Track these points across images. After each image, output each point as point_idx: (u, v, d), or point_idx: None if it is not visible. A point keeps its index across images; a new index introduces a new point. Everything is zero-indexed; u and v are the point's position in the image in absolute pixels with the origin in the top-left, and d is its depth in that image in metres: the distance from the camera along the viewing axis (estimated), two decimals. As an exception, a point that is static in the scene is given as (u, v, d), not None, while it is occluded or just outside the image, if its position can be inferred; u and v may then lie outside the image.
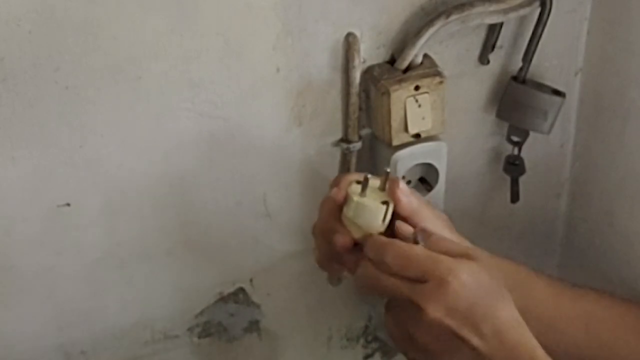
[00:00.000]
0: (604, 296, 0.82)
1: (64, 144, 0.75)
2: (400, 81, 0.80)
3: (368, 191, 0.70)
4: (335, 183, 0.73)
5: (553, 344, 0.76)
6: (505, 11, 0.81)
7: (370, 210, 0.70)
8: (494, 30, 0.84)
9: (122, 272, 0.85)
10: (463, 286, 0.67)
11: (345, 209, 0.71)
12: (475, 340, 0.67)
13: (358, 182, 0.71)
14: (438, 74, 0.81)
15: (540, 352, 0.67)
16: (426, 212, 0.73)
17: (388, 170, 0.71)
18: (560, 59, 0.90)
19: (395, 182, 0.71)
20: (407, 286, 0.68)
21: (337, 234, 0.72)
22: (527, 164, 0.93)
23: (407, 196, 0.71)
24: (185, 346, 0.93)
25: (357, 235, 0.71)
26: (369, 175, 0.70)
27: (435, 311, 0.67)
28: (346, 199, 0.71)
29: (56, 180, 0.77)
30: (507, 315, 0.68)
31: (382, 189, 0.71)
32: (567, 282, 0.82)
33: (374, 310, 1.00)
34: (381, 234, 0.71)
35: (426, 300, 0.67)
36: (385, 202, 0.70)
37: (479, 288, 0.67)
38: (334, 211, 0.72)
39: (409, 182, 0.87)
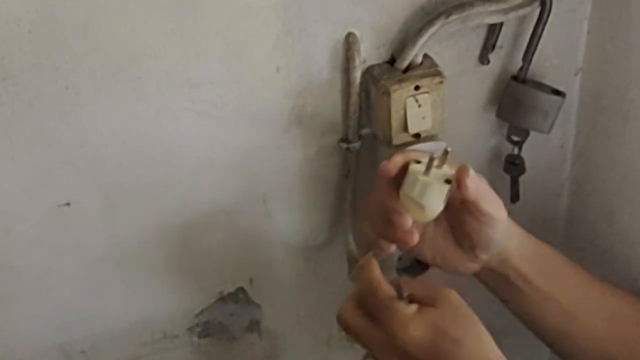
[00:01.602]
0: (630, 295, 0.81)
1: (64, 144, 0.75)
2: (400, 81, 0.80)
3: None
4: (389, 160, 0.72)
5: (573, 331, 0.77)
6: (505, 11, 0.81)
7: (435, 190, 0.70)
8: (494, 30, 0.84)
9: (122, 272, 0.85)
10: (416, 340, 0.66)
11: (407, 189, 0.71)
12: None
13: (417, 162, 0.71)
14: (438, 73, 0.81)
15: None
16: (489, 197, 0.73)
17: (449, 149, 0.71)
18: (560, 58, 0.90)
19: (464, 170, 0.70)
20: (366, 331, 0.69)
21: (396, 214, 0.71)
22: (527, 163, 0.93)
23: (475, 183, 0.71)
24: (185, 346, 0.93)
25: (414, 213, 0.71)
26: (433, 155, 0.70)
27: None
28: (405, 177, 0.71)
29: (56, 180, 0.77)
30: (475, 359, 0.66)
31: (439, 167, 0.71)
32: (597, 277, 0.81)
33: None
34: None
35: (379, 350, 0.68)
36: (448, 181, 0.70)
37: (442, 338, 0.66)
38: (391, 190, 0.71)
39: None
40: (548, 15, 0.83)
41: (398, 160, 0.71)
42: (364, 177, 0.88)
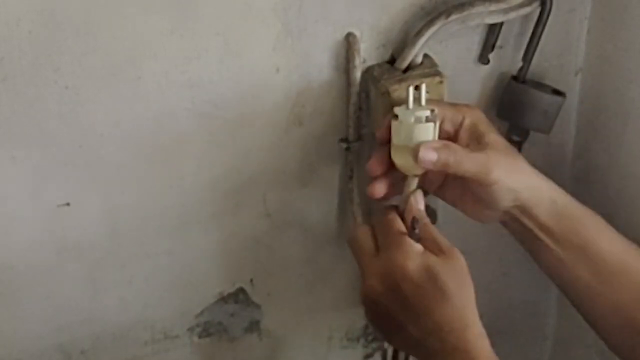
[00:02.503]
0: None
1: (64, 144, 0.75)
2: (400, 81, 0.80)
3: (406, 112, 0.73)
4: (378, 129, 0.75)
5: (605, 293, 0.75)
6: (505, 11, 0.81)
7: (422, 130, 0.72)
8: (493, 30, 0.84)
9: (122, 272, 0.85)
10: (409, 274, 0.68)
11: (394, 139, 0.73)
12: (414, 331, 0.68)
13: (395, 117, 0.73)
14: (438, 73, 0.81)
15: None
16: (465, 161, 0.73)
17: (423, 84, 0.73)
18: (560, 58, 0.90)
19: (416, 150, 0.72)
20: (368, 251, 0.71)
21: (371, 162, 0.75)
22: (527, 163, 0.93)
23: (431, 157, 0.72)
24: (185, 346, 0.93)
25: (410, 162, 0.73)
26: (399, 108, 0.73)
27: (370, 285, 0.69)
28: (391, 132, 0.73)
29: (56, 180, 0.77)
30: (453, 316, 0.67)
31: (419, 104, 0.73)
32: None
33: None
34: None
35: (369, 270, 0.70)
36: (430, 119, 0.72)
37: (431, 283, 0.67)
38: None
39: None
40: (548, 15, 0.83)
41: (383, 122, 0.74)
42: (364, 177, 0.88)
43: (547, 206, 0.76)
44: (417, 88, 0.77)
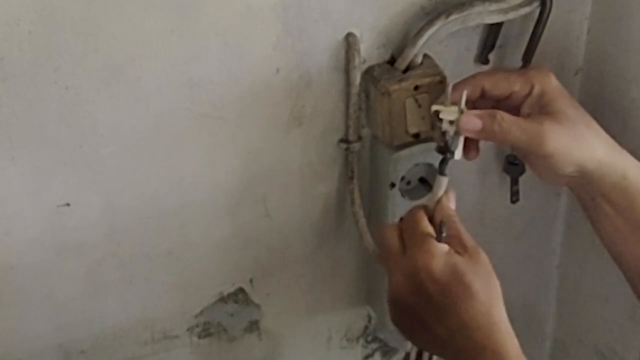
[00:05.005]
0: None
1: (64, 144, 0.75)
2: (400, 81, 0.80)
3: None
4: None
5: None
6: (505, 11, 0.81)
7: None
8: (493, 30, 0.85)
9: (122, 272, 0.85)
10: (433, 273, 0.67)
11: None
12: (440, 330, 0.67)
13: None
14: (438, 73, 0.81)
15: None
16: (514, 130, 0.73)
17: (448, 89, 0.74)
18: (560, 58, 0.90)
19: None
20: (394, 250, 0.70)
21: None
22: (527, 163, 0.93)
23: (473, 125, 0.73)
24: (185, 346, 0.93)
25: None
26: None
27: (396, 284, 0.68)
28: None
29: (56, 180, 0.77)
30: (480, 312, 0.66)
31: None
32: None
33: (374, 310, 1.00)
34: None
35: (395, 269, 0.69)
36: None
37: (456, 281, 0.67)
38: None
39: (408, 182, 0.87)
40: (548, 15, 0.83)
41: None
42: (364, 177, 0.88)
43: (615, 180, 0.74)
44: (416, 88, 0.78)
